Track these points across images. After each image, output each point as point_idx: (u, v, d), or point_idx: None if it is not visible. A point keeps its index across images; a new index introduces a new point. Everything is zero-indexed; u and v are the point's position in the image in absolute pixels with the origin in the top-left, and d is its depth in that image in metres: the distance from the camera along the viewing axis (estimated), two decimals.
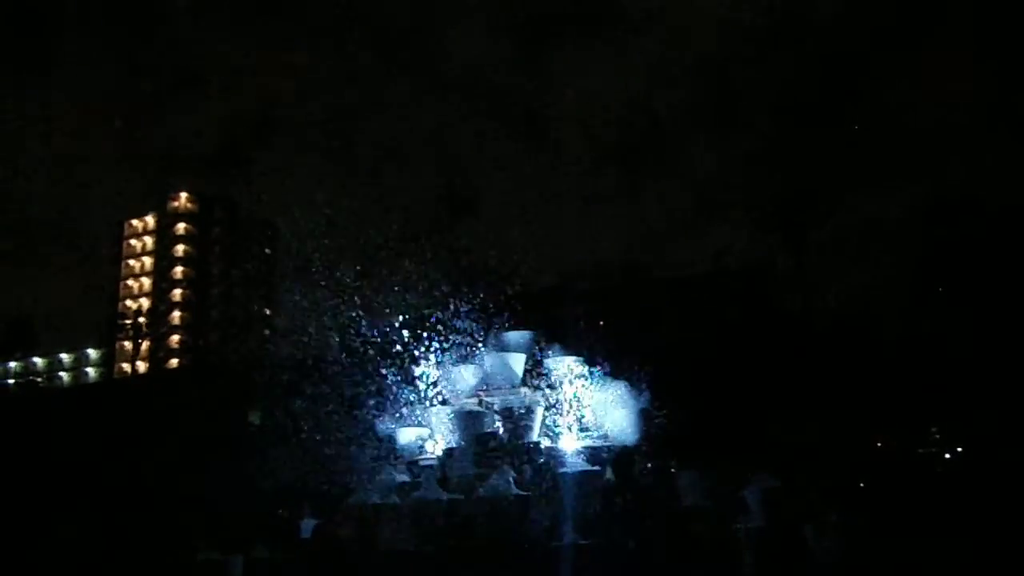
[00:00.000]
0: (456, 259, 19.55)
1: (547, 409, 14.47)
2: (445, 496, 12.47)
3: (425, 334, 16.20)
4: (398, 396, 15.37)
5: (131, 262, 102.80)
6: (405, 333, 16.07)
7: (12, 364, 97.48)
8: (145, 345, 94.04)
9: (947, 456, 33.27)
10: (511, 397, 14.70)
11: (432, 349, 16.03)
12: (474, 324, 16.48)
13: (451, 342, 16.13)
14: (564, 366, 15.19)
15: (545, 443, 13.74)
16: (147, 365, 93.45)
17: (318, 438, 15.07)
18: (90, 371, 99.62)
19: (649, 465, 13.43)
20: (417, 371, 15.75)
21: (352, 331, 16.96)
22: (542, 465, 12.92)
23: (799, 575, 11.46)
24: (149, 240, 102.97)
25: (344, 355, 16.23)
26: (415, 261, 18.96)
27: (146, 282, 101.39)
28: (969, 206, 48.04)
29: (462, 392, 15.30)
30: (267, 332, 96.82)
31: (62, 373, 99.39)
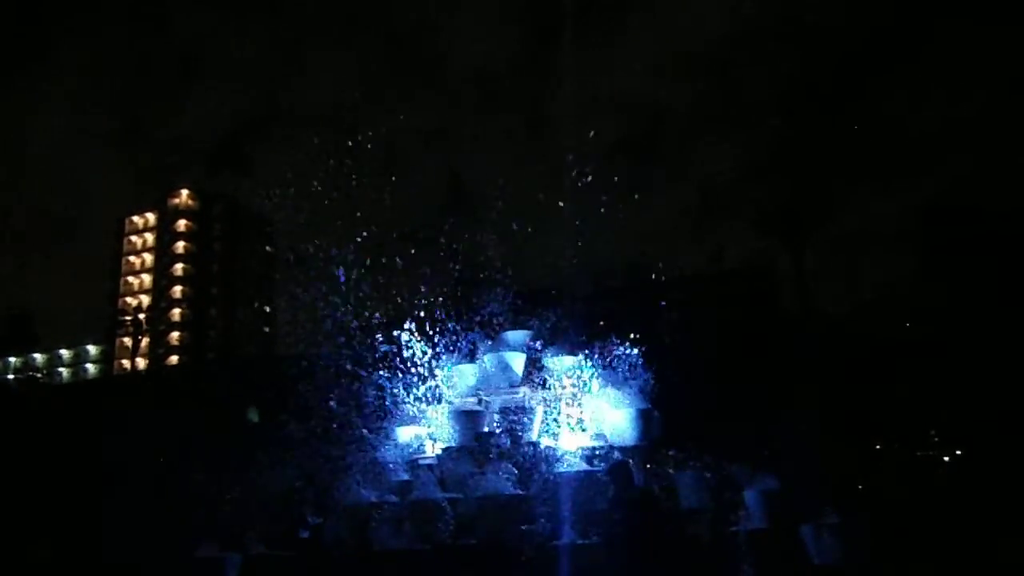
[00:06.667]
0: (457, 257, 19.51)
1: (546, 409, 14.44)
2: (443, 496, 12.45)
3: (425, 333, 16.18)
4: (397, 395, 15.34)
5: (131, 259, 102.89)
6: (405, 331, 16.03)
7: (12, 359, 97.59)
8: (145, 342, 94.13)
9: (946, 459, 33.29)
10: (510, 396, 14.68)
11: (431, 348, 16.00)
12: (474, 323, 16.45)
13: (450, 341, 16.10)
14: (564, 366, 15.16)
15: (544, 443, 13.71)
16: (147, 362, 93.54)
17: (316, 436, 15.03)
18: (90, 367, 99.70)
19: (648, 466, 13.42)
20: (416, 370, 15.72)
21: (351, 329, 16.93)
22: (541, 465, 12.89)
23: None
24: (150, 237, 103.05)
25: (343, 353, 16.19)
26: (416, 259, 18.93)
27: (146, 279, 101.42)
28: (969, 208, 48.05)
29: (461, 391, 15.29)
30: (267, 329, 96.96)
31: (61, 369, 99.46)
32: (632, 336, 15.60)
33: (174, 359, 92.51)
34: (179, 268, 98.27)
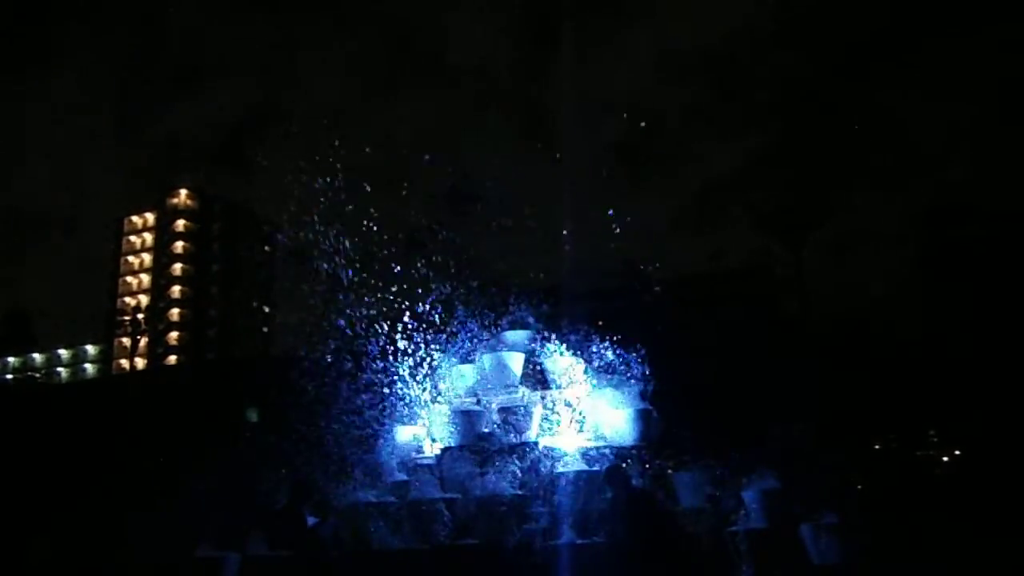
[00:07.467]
0: (457, 257, 19.51)
1: (545, 409, 14.42)
2: (442, 496, 12.44)
3: (424, 333, 16.16)
4: (396, 395, 15.32)
5: (130, 258, 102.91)
6: (404, 331, 16.02)
7: (10, 359, 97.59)
8: (144, 342, 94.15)
9: (945, 459, 33.33)
10: (509, 397, 14.65)
11: (431, 348, 15.98)
12: (473, 323, 16.43)
13: (450, 341, 16.08)
14: (563, 366, 15.14)
15: (543, 443, 13.69)
16: (145, 362, 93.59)
17: (315, 436, 15.02)
18: (88, 367, 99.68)
19: (647, 466, 13.40)
20: (415, 370, 15.70)
21: (350, 329, 16.92)
22: (540, 465, 12.87)
23: None
24: (148, 236, 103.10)
25: (342, 353, 16.17)
26: (416, 258, 18.93)
27: (145, 279, 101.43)
28: (968, 209, 48.12)
29: (460, 391, 15.26)
30: (266, 329, 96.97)
31: (60, 369, 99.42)
32: (631, 336, 15.59)
33: (173, 359, 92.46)
34: (178, 268, 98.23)
